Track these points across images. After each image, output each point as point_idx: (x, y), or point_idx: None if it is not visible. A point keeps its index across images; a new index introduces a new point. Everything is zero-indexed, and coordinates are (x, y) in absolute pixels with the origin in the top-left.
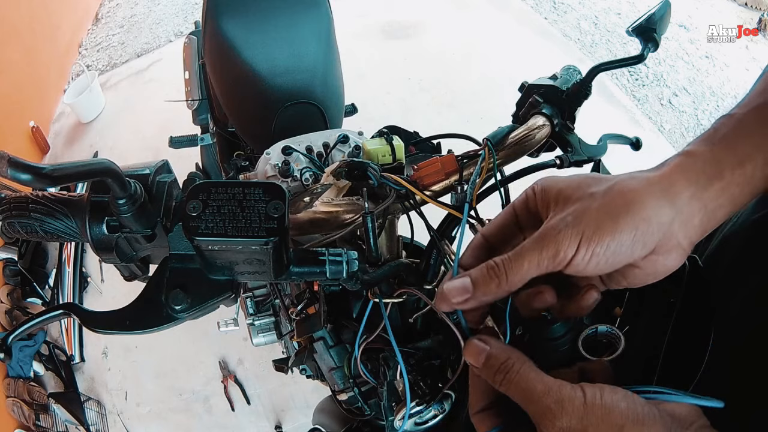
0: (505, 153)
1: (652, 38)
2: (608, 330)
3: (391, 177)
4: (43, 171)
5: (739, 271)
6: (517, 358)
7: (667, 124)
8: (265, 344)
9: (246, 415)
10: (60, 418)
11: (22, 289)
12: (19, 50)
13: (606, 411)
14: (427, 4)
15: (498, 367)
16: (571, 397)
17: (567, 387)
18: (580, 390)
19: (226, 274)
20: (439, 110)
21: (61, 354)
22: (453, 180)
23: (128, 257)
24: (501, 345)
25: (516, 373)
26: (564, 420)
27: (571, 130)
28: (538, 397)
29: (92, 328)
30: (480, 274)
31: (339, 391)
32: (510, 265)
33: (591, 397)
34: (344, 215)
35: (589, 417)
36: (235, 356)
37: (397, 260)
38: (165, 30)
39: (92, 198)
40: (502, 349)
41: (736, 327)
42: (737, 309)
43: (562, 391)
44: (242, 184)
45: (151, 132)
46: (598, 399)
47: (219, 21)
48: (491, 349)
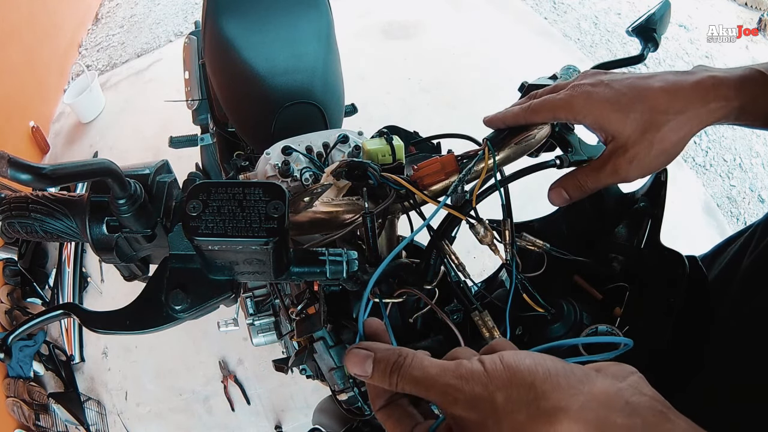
0: (505, 153)
1: (652, 38)
2: (608, 330)
3: (391, 177)
4: (43, 171)
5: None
6: (406, 351)
7: None
8: (265, 344)
9: (246, 415)
10: (60, 418)
11: (22, 289)
12: (19, 50)
13: (510, 372)
14: (427, 5)
15: (390, 367)
16: (470, 368)
17: (464, 362)
18: (477, 361)
19: (226, 274)
20: (439, 110)
21: (61, 354)
22: (453, 180)
23: (128, 257)
24: (386, 346)
25: (408, 366)
26: (466, 391)
27: (571, 130)
28: (435, 379)
29: (92, 328)
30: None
31: (339, 391)
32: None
33: (491, 363)
34: (344, 215)
35: (494, 382)
36: (235, 356)
37: (397, 260)
38: (165, 30)
39: (92, 198)
40: (388, 349)
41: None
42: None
43: (460, 367)
44: (242, 184)
45: (151, 132)
46: (498, 363)
47: (219, 21)
48: (377, 354)
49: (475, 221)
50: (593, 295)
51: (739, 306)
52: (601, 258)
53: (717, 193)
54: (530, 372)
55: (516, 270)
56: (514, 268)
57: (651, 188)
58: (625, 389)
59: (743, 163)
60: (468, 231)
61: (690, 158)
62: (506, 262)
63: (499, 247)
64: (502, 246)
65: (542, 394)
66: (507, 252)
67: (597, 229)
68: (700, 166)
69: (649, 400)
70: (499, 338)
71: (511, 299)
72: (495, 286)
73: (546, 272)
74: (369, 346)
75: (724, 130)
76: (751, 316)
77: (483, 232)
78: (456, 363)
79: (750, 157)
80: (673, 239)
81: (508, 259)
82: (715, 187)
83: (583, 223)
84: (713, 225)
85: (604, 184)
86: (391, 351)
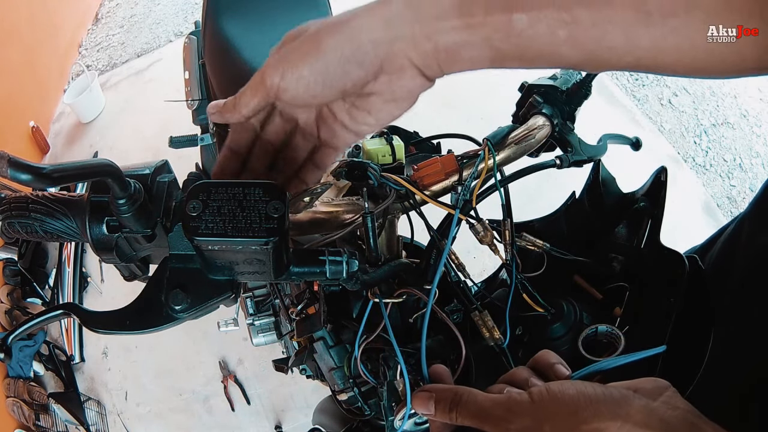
0: (505, 153)
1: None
2: (608, 330)
3: (391, 177)
4: (43, 171)
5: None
6: (462, 389)
7: (667, 124)
8: (265, 344)
9: (246, 415)
10: (60, 418)
11: (22, 289)
12: (19, 50)
13: (555, 402)
14: None
15: (449, 405)
16: (518, 401)
17: (514, 394)
18: (526, 393)
19: (226, 274)
20: (439, 110)
21: (61, 354)
22: (453, 180)
23: (128, 257)
24: (443, 386)
25: (465, 401)
26: (516, 422)
27: (571, 130)
28: (489, 413)
29: (92, 328)
30: (442, 398)
31: (339, 391)
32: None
33: (537, 394)
34: (344, 215)
35: (540, 412)
36: (235, 356)
37: (397, 260)
38: (165, 30)
39: (92, 198)
40: (446, 389)
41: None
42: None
43: (509, 399)
44: (242, 184)
45: (151, 132)
46: (545, 394)
47: (219, 21)
48: (436, 394)
49: (475, 221)
50: (593, 295)
51: (739, 301)
52: (601, 258)
53: (717, 193)
54: (573, 401)
55: (516, 270)
56: (514, 268)
57: (651, 188)
58: (658, 407)
59: (743, 163)
60: (468, 231)
61: (690, 158)
62: (506, 262)
63: (499, 247)
64: (502, 246)
65: (584, 420)
66: (507, 252)
67: (597, 229)
68: (700, 166)
69: (682, 413)
70: (544, 352)
71: (511, 299)
72: (495, 286)
73: (546, 272)
74: (430, 388)
75: (724, 130)
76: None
77: (483, 232)
78: (506, 397)
79: (750, 157)
80: (673, 239)
81: (508, 259)
82: (715, 187)
83: (583, 223)
84: (713, 225)
85: None
86: (449, 390)
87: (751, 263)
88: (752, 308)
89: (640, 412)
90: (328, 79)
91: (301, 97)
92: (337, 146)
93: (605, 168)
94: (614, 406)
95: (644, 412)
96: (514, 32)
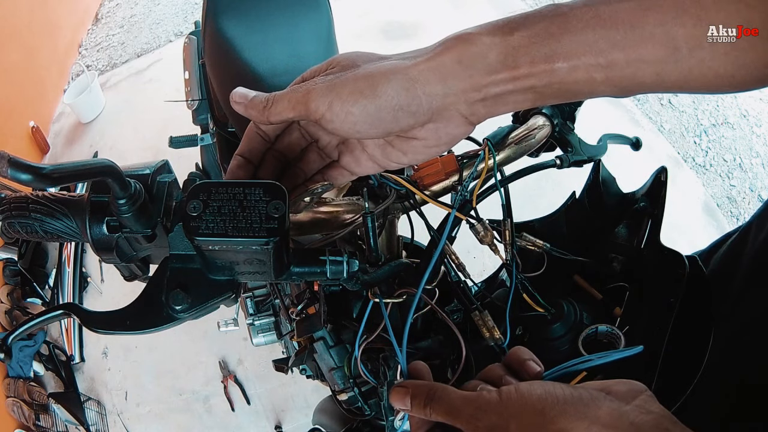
0: (505, 153)
1: None
2: (608, 330)
3: (391, 177)
4: (43, 171)
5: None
6: (437, 386)
7: (667, 124)
8: (265, 344)
9: (246, 415)
10: (60, 418)
11: (22, 289)
12: (19, 50)
13: (522, 401)
14: (427, 5)
15: (423, 401)
16: (487, 399)
17: (484, 393)
18: (495, 392)
19: (226, 274)
20: None
21: (61, 354)
22: (453, 180)
23: (128, 257)
24: (420, 382)
25: (439, 398)
26: (484, 420)
27: (571, 130)
28: (460, 410)
29: (92, 328)
30: (417, 393)
31: (339, 391)
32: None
33: (506, 393)
34: (344, 215)
35: (507, 410)
36: (235, 356)
37: (397, 260)
38: (165, 30)
39: (92, 198)
40: (422, 384)
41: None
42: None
43: (479, 397)
44: (242, 184)
45: (151, 132)
46: (512, 393)
47: (219, 21)
48: (413, 389)
49: (476, 221)
50: (593, 295)
51: (741, 304)
52: (601, 258)
53: (717, 193)
54: (540, 400)
55: (516, 270)
56: (514, 268)
57: (651, 188)
58: (630, 411)
59: (743, 163)
60: (468, 231)
61: (690, 158)
62: (506, 262)
63: (499, 247)
64: (502, 246)
65: (551, 420)
66: (507, 252)
67: (597, 229)
68: (700, 166)
69: (655, 418)
70: (516, 348)
71: (511, 299)
72: (495, 286)
73: (546, 272)
74: (407, 384)
75: (724, 130)
76: (754, 314)
77: (483, 232)
78: (477, 394)
79: (750, 157)
80: (673, 239)
81: (508, 259)
82: (715, 187)
83: (583, 223)
84: (713, 225)
85: None
86: (424, 386)
87: (753, 261)
88: (754, 309)
89: (609, 414)
90: (377, 122)
91: (345, 131)
92: (355, 172)
93: (605, 168)
94: (582, 407)
95: (614, 415)
96: (556, 79)
